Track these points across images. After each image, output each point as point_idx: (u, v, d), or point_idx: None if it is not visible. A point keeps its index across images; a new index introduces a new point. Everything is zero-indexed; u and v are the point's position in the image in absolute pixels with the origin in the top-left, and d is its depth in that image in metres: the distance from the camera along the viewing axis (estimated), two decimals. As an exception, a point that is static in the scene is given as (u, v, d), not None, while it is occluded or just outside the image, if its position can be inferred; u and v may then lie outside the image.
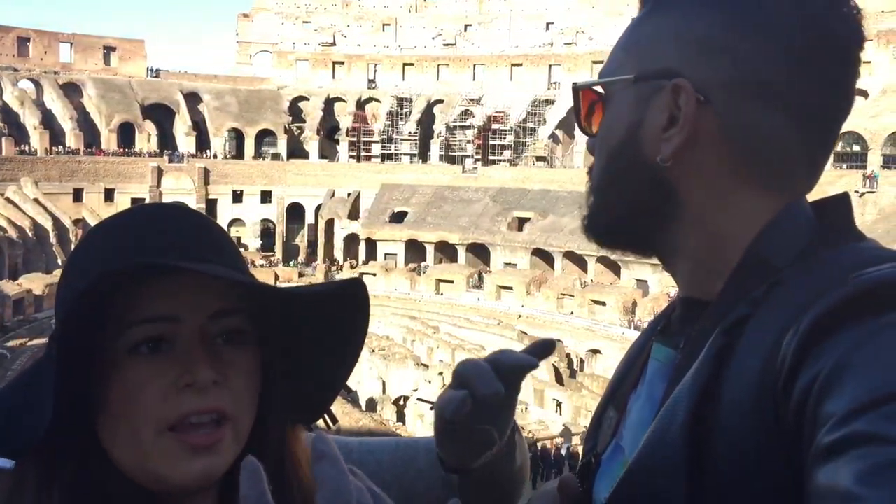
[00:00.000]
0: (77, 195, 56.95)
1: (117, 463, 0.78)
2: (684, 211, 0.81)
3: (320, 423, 0.94)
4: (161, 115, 64.54)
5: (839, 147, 41.14)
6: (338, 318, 0.86)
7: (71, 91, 61.70)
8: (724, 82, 0.77)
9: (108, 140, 61.08)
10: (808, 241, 0.76)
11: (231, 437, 0.78)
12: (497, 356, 0.91)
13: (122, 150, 60.86)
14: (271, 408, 0.85)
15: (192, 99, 65.52)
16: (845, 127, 1.07)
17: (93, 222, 52.94)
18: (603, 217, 0.88)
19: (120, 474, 0.78)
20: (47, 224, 50.32)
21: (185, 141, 63.66)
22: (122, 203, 57.86)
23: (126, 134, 62.04)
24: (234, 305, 0.81)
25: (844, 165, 44.28)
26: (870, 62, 46.32)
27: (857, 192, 41.16)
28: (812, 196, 0.84)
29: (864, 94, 46.09)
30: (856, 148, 44.53)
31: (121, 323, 0.77)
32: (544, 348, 0.93)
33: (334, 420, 0.94)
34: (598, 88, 0.89)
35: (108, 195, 58.48)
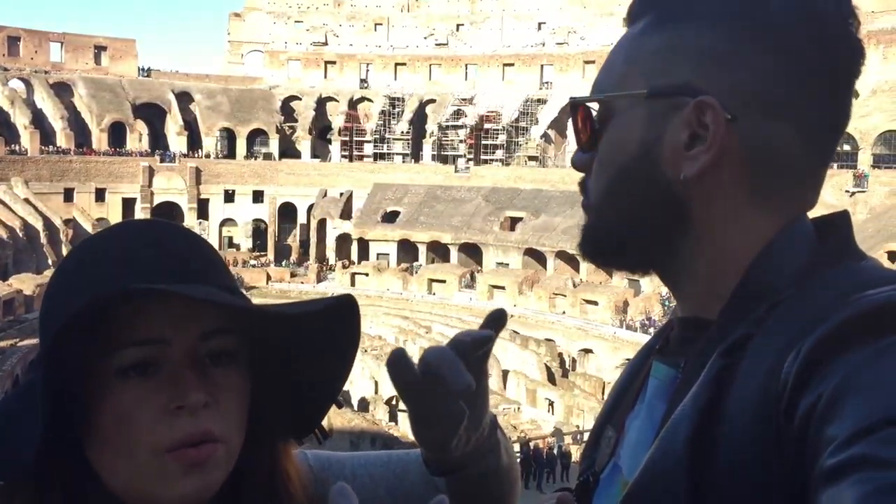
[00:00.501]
0: (68, 195, 56.77)
1: (107, 484, 0.77)
2: (694, 230, 0.80)
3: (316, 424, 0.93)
4: (152, 114, 64.39)
5: (830, 147, 40.98)
6: (328, 334, 0.85)
7: (61, 90, 61.48)
8: (743, 98, 0.76)
9: (99, 140, 60.92)
10: (808, 260, 0.76)
11: (223, 453, 0.78)
12: (458, 340, 0.89)
13: (112, 149, 60.67)
14: (262, 425, 0.85)
15: (184, 98, 65.34)
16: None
17: (83, 222, 52.78)
18: (605, 235, 0.85)
19: (109, 495, 0.77)
20: (38, 224, 50.10)
21: (176, 140, 63.52)
22: (112, 203, 57.84)
23: (117, 133, 61.87)
24: (223, 326, 0.79)
25: (835, 165, 44.39)
26: (860, 62, 46.40)
27: (847, 191, 41.40)
28: None
29: (855, 93, 46.13)
30: (846, 147, 44.69)
31: (108, 345, 0.75)
32: (496, 320, 0.91)
33: (325, 435, 0.93)
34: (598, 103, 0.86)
35: (99, 195, 58.38)
